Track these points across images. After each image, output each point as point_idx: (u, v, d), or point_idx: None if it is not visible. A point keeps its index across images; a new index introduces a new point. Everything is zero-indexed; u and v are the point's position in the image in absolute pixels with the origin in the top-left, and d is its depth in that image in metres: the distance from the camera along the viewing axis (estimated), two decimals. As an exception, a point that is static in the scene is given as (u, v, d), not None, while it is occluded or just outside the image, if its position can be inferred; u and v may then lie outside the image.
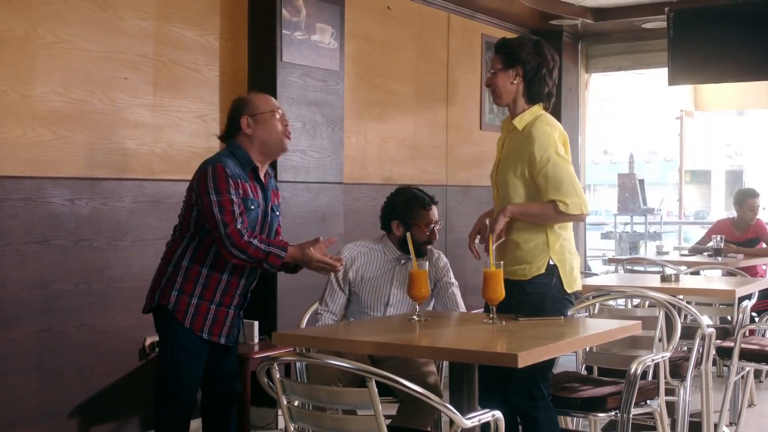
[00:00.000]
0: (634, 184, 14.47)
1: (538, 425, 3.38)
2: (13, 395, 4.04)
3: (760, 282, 5.42)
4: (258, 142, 3.53)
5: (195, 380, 3.54)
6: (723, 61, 7.07)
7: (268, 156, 3.59)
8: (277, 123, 3.55)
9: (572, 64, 8.31)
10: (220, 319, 3.53)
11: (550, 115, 3.54)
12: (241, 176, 3.47)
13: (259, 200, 3.52)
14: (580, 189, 3.40)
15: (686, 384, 4.07)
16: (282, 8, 5.08)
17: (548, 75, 3.52)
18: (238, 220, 3.39)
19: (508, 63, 3.49)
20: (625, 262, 6.98)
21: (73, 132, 4.26)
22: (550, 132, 3.42)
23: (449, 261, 4.23)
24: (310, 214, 5.30)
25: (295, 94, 5.21)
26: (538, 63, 3.49)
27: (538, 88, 3.50)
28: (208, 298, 3.51)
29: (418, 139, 6.58)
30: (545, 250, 3.43)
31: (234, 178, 3.43)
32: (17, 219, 4.03)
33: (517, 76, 3.48)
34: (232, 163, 3.48)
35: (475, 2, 6.92)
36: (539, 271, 3.43)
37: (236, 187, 3.43)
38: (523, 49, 3.50)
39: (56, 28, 4.17)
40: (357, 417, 2.58)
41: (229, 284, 3.53)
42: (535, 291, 3.43)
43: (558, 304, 3.45)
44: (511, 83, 3.49)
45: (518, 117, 3.50)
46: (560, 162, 3.38)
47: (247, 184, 3.48)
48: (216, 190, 3.40)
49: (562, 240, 3.46)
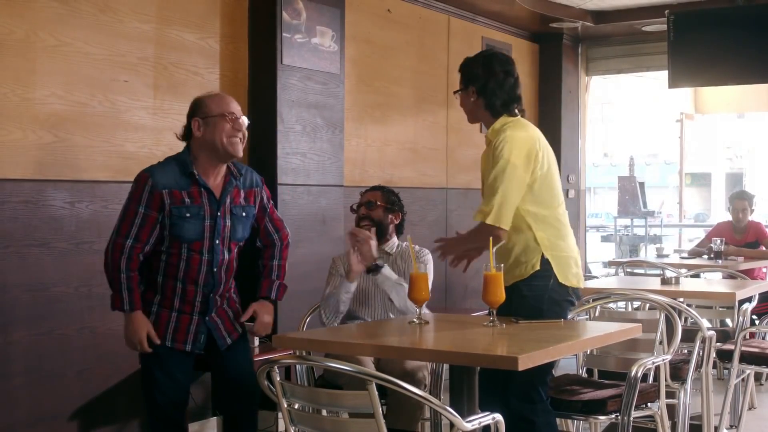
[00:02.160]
0: (634, 186, 14.47)
1: (536, 428, 3.39)
2: (13, 398, 4.04)
3: (760, 285, 5.43)
4: (207, 145, 3.46)
5: (173, 386, 3.52)
6: (723, 64, 7.08)
7: (220, 160, 3.49)
8: (226, 126, 3.45)
9: (572, 67, 8.32)
10: (182, 327, 3.51)
11: (527, 122, 3.57)
12: (178, 184, 3.42)
13: (203, 206, 3.45)
14: (505, 201, 3.36)
15: (687, 387, 4.07)
16: (282, 11, 5.08)
17: (498, 87, 3.54)
18: (133, 236, 3.40)
19: (465, 83, 3.61)
20: (626, 264, 6.99)
21: (74, 135, 4.27)
22: (514, 139, 3.42)
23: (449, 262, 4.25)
24: (310, 216, 5.30)
25: (296, 96, 5.21)
26: (486, 78, 3.55)
27: (492, 100, 3.55)
28: (167, 306, 3.51)
29: (418, 141, 6.59)
30: (536, 247, 3.46)
31: (157, 189, 3.39)
32: (18, 222, 4.03)
33: (474, 93, 3.57)
34: (169, 169, 3.44)
35: (476, 5, 6.93)
36: (535, 268, 3.45)
37: (159, 199, 3.39)
38: (475, 66, 3.59)
39: (57, 31, 4.17)
40: (357, 420, 2.58)
41: (186, 292, 3.50)
42: (532, 294, 3.44)
43: (556, 306, 3.45)
44: (472, 101, 3.59)
45: (489, 131, 3.56)
46: (502, 169, 3.38)
47: (184, 192, 3.43)
48: (128, 197, 3.46)
49: (548, 235, 3.47)
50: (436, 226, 6.67)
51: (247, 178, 3.61)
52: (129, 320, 3.43)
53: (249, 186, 3.61)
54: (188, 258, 3.47)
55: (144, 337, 3.41)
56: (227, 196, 3.51)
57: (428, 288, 3.37)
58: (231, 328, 3.62)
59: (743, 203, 7.15)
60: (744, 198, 7.19)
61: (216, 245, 3.49)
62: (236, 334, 3.64)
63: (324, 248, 5.26)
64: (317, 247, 5.29)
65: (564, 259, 3.49)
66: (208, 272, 3.50)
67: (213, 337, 3.57)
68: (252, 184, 3.63)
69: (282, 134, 5.13)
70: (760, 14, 6.88)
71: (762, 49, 6.84)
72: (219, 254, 3.51)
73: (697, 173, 29.72)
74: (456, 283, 6.77)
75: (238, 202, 3.56)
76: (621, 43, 8.33)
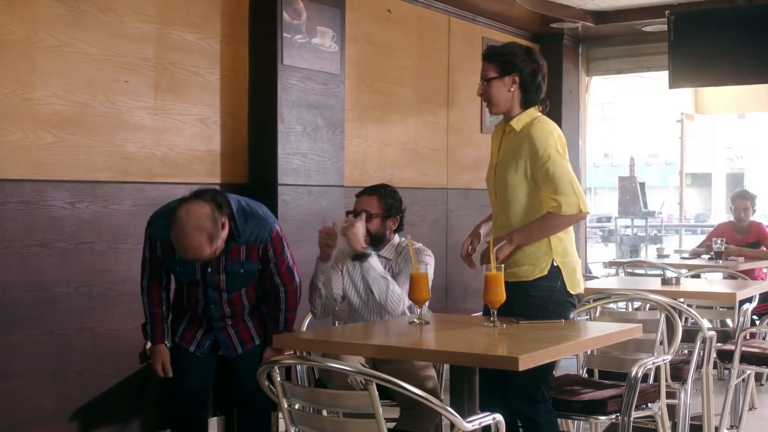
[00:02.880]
0: (634, 187, 14.48)
1: (539, 428, 3.39)
2: (14, 398, 4.03)
3: (760, 285, 5.43)
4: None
5: (194, 379, 3.76)
6: (723, 64, 7.07)
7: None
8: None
9: (573, 67, 8.31)
10: (191, 329, 3.79)
11: (548, 118, 3.56)
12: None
13: (193, 263, 3.56)
14: (578, 187, 3.41)
15: (687, 387, 4.07)
16: (283, 11, 5.08)
17: (543, 81, 3.55)
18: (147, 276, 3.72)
19: (504, 71, 3.50)
20: (626, 265, 6.99)
21: (74, 135, 4.26)
22: (550, 131, 3.44)
23: (450, 263, 4.23)
24: (310, 217, 5.29)
25: (296, 97, 5.21)
26: (534, 69, 3.51)
27: (534, 94, 3.52)
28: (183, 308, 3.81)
29: (418, 142, 6.58)
30: (548, 252, 3.44)
31: (153, 238, 3.66)
32: (18, 222, 4.03)
33: (514, 83, 3.50)
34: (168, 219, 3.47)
35: (476, 5, 6.93)
36: (542, 273, 3.44)
37: (155, 246, 3.67)
38: (518, 56, 3.51)
39: (57, 31, 4.17)
40: (358, 420, 2.57)
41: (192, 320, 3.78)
42: (539, 294, 3.43)
43: (561, 307, 3.45)
44: (508, 91, 3.50)
45: (515, 119, 3.51)
46: (559, 160, 3.39)
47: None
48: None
49: (564, 242, 3.47)
50: (436, 226, 6.67)
51: (252, 235, 3.59)
52: (151, 350, 3.79)
53: (252, 242, 3.60)
54: (187, 291, 3.73)
55: (159, 367, 3.74)
56: (221, 256, 3.58)
57: (428, 288, 3.36)
58: (247, 339, 3.76)
59: (745, 202, 7.16)
60: (746, 197, 7.20)
61: (211, 292, 3.67)
62: (251, 345, 3.75)
63: (324, 248, 5.25)
64: (317, 247, 5.27)
65: (571, 265, 3.49)
66: (206, 307, 3.72)
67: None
68: (255, 240, 3.60)
69: (282, 134, 5.13)
70: (760, 14, 6.88)
71: (762, 50, 6.83)
72: (216, 297, 3.69)
73: (698, 173, 29.72)
74: (456, 283, 6.76)
75: (236, 260, 3.61)
76: (621, 44, 8.32)
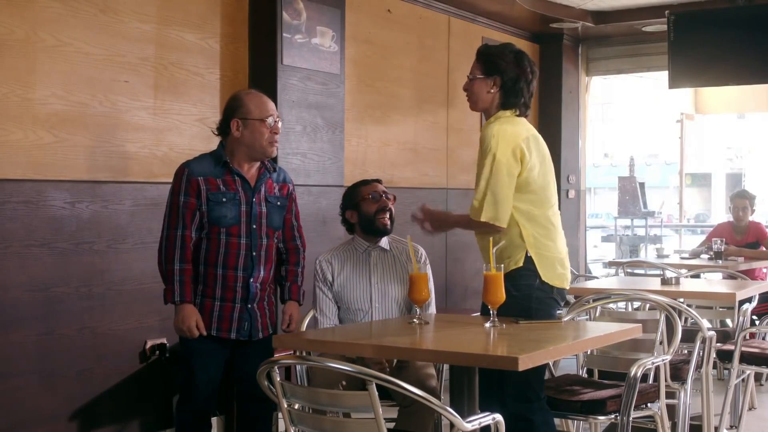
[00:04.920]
0: (634, 187, 14.46)
1: (534, 427, 3.39)
2: (14, 398, 4.03)
3: (760, 285, 5.43)
4: (244, 146, 3.64)
5: (207, 379, 3.64)
6: (723, 64, 7.08)
7: (255, 158, 3.69)
8: (265, 131, 3.62)
9: (572, 67, 8.32)
10: (226, 315, 3.62)
11: (526, 122, 3.57)
12: (213, 173, 3.59)
13: (238, 192, 3.61)
14: (497, 197, 3.38)
15: (687, 387, 4.07)
16: (283, 11, 5.09)
17: (526, 87, 3.54)
18: (181, 225, 3.55)
19: (488, 71, 3.53)
20: (626, 265, 6.99)
21: (74, 135, 4.27)
22: (495, 132, 3.43)
23: (450, 263, 4.24)
24: (310, 217, 5.29)
25: (296, 97, 5.21)
26: (517, 74, 3.52)
27: (513, 98, 3.53)
28: (209, 295, 3.62)
29: (418, 142, 6.58)
30: (521, 244, 3.47)
31: (193, 176, 3.57)
32: (18, 222, 4.03)
33: (495, 85, 3.53)
34: (203, 160, 3.64)
35: (476, 5, 6.93)
36: (518, 264, 3.46)
37: (195, 185, 3.56)
38: (504, 59, 3.53)
39: (57, 31, 4.17)
40: (357, 420, 2.58)
41: (226, 278, 3.61)
42: (521, 293, 3.44)
43: (543, 304, 3.47)
44: (488, 92, 3.55)
45: (489, 119, 3.55)
46: (496, 166, 3.39)
47: (219, 179, 3.59)
48: (170, 192, 3.63)
49: (535, 234, 3.47)
50: (436, 226, 6.66)
51: (281, 174, 3.81)
52: (178, 310, 3.55)
53: (282, 181, 3.81)
54: (227, 243, 3.60)
55: (193, 325, 3.54)
56: (262, 185, 3.69)
57: (428, 288, 3.37)
58: (266, 324, 3.74)
59: (744, 202, 7.17)
60: (745, 197, 7.22)
61: (253, 230, 3.64)
62: (268, 332, 3.73)
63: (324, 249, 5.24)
64: (317, 247, 5.26)
65: (549, 258, 3.49)
66: (247, 256, 3.62)
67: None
68: (285, 180, 3.83)
69: (282, 134, 5.08)
70: (760, 14, 6.88)
71: (762, 50, 6.83)
72: (257, 238, 3.65)
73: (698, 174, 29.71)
74: (456, 283, 6.76)
75: (273, 192, 3.74)
76: (621, 44, 8.32)
